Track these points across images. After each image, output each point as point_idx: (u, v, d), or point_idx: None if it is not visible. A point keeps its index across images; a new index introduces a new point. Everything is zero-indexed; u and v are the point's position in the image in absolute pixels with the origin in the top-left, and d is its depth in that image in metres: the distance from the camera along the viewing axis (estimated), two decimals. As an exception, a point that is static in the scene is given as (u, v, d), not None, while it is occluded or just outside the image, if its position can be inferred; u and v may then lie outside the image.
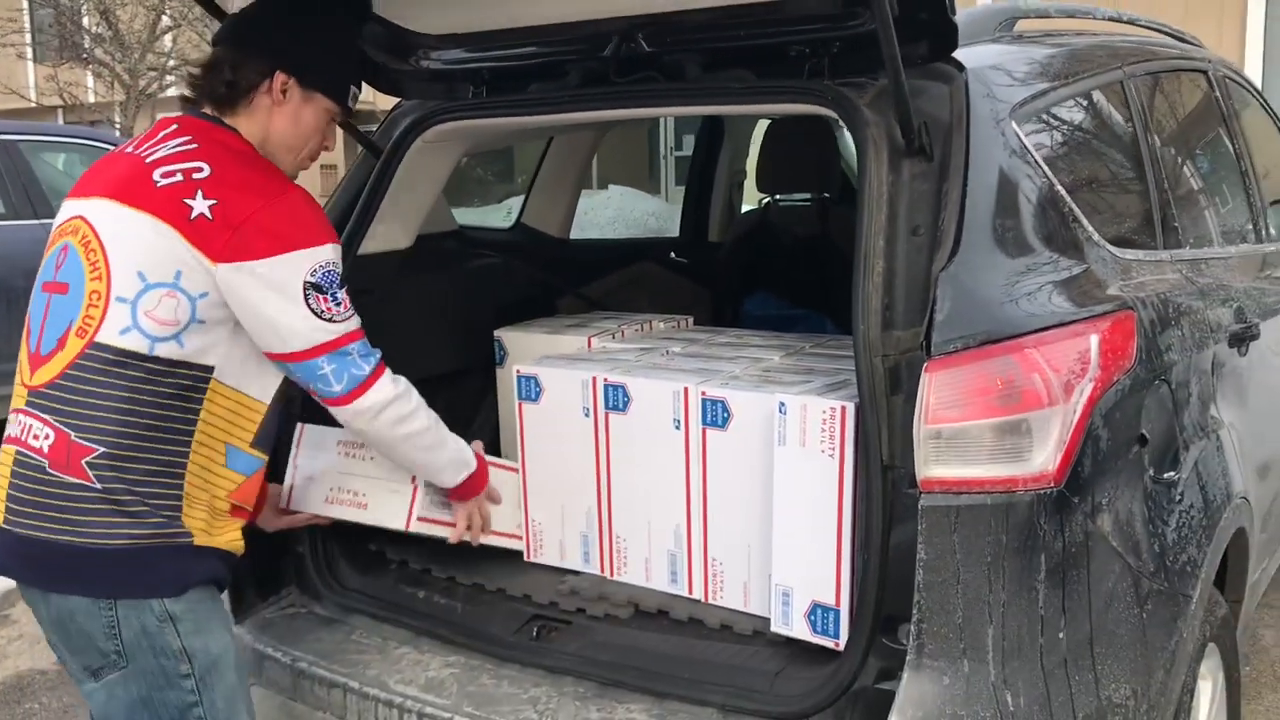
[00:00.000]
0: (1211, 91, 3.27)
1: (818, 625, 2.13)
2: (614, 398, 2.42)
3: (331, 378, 1.91)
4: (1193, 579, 2.10)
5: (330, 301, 1.89)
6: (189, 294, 1.83)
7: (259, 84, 1.98)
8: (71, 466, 1.82)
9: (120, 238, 1.86)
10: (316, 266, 1.87)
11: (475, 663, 2.24)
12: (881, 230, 1.96)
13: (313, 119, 2.05)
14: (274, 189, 1.90)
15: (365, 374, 1.94)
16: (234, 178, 1.88)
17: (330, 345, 1.90)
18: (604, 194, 10.28)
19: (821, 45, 2.19)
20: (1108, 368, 1.92)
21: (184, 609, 1.88)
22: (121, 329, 1.82)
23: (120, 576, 1.84)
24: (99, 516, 1.82)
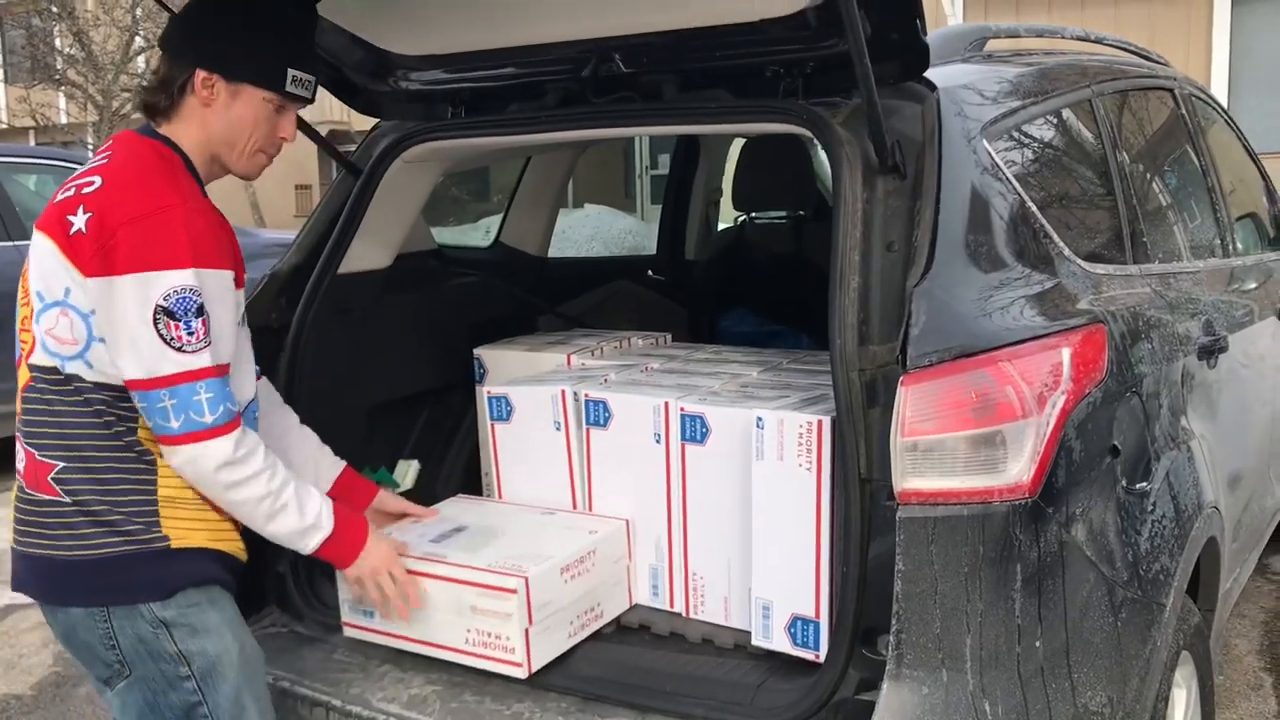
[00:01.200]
0: (1178, 109, 3.33)
1: (798, 638, 2.15)
2: (594, 413, 2.44)
3: (171, 413, 1.79)
4: (1166, 588, 2.13)
5: (182, 329, 1.78)
6: (79, 311, 1.81)
7: (185, 85, 1.91)
8: (40, 484, 1.87)
9: (31, 261, 1.88)
10: (171, 290, 1.76)
11: (458, 680, 2.24)
12: (856, 246, 1.99)
13: (247, 112, 1.95)
14: (154, 204, 1.79)
15: (205, 424, 1.81)
16: (119, 191, 1.81)
17: (174, 379, 1.79)
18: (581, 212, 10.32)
19: (796, 65, 2.23)
20: (1080, 380, 1.95)
21: (176, 614, 1.88)
22: (40, 348, 1.86)
23: (102, 585, 1.85)
24: (74, 529, 1.85)
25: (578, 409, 2.46)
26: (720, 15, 2.19)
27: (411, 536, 2.36)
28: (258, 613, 2.53)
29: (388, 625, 2.29)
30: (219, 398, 1.83)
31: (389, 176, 2.62)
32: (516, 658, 2.14)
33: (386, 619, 2.22)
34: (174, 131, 1.94)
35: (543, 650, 2.18)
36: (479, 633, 2.17)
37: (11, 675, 3.86)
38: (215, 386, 1.83)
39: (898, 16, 1.98)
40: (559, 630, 2.22)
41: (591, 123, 2.52)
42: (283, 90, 1.97)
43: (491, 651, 2.17)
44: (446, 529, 2.40)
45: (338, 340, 2.56)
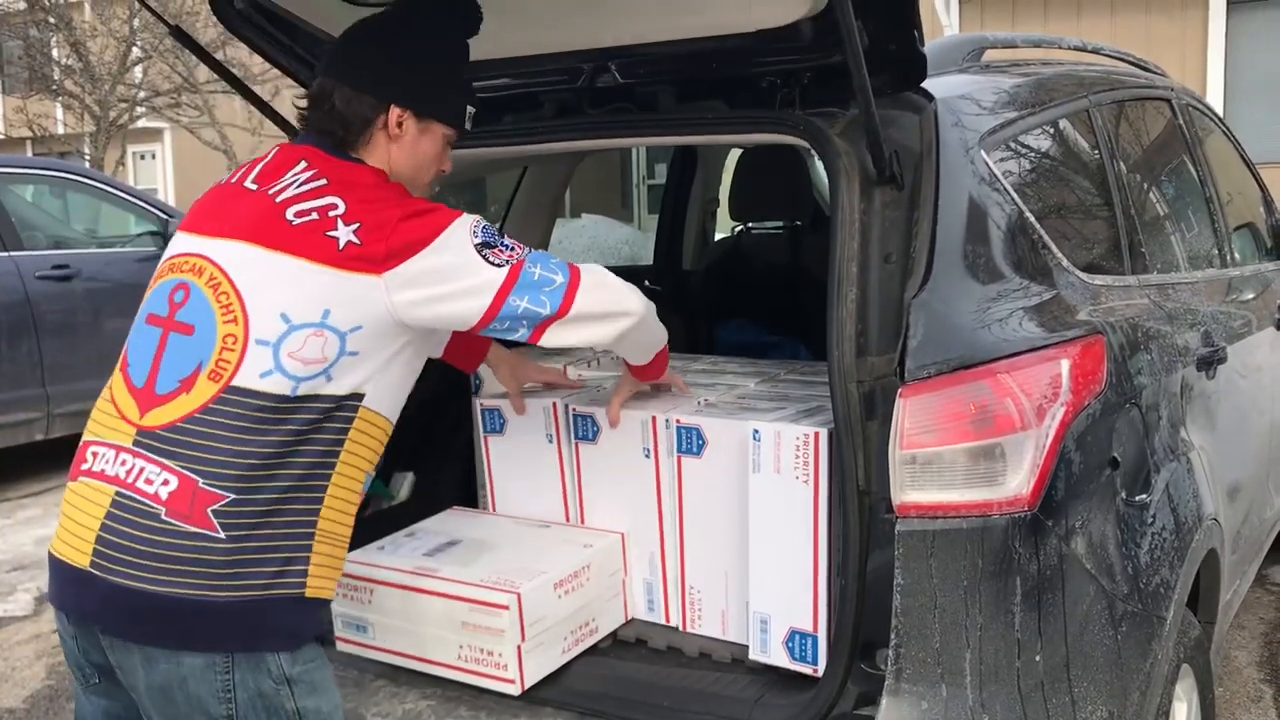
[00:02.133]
0: (1175, 119, 3.33)
1: (796, 652, 2.13)
2: (582, 428, 2.42)
3: (540, 300, 1.87)
4: (1166, 600, 2.12)
5: (503, 250, 1.87)
6: (338, 330, 1.76)
7: (374, 120, 1.91)
8: (195, 515, 1.69)
9: (259, 281, 1.78)
10: (474, 228, 1.85)
11: (452, 695, 2.22)
12: (854, 258, 1.98)
13: (431, 148, 1.98)
14: (404, 197, 1.87)
15: (563, 282, 1.89)
16: (368, 199, 1.83)
17: (511, 277, 1.85)
18: (578, 222, 10.33)
19: (793, 76, 2.22)
20: (1079, 392, 1.94)
21: (300, 670, 1.77)
22: (262, 372, 1.73)
23: (236, 631, 1.71)
24: (220, 569, 1.68)
25: (568, 422, 2.45)
26: (717, 26, 2.18)
27: (404, 550, 2.34)
28: (252, 626, 2.51)
29: (380, 640, 2.27)
30: (547, 261, 1.92)
31: (384, 187, 2.61)
32: (509, 674, 2.13)
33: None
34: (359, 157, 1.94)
35: (535, 667, 2.16)
36: (471, 649, 2.16)
37: (4, 688, 3.84)
38: (538, 258, 1.91)
39: (895, 27, 1.97)
40: (553, 646, 2.20)
41: (588, 133, 2.51)
42: (463, 126, 2.03)
43: (484, 668, 2.15)
44: (440, 542, 2.39)
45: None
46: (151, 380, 1.78)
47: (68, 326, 6.41)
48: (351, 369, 1.78)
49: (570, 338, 1.94)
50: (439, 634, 2.19)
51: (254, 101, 2.69)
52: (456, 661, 2.18)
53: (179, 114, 14.79)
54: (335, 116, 1.91)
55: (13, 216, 6.55)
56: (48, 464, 6.64)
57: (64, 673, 3.93)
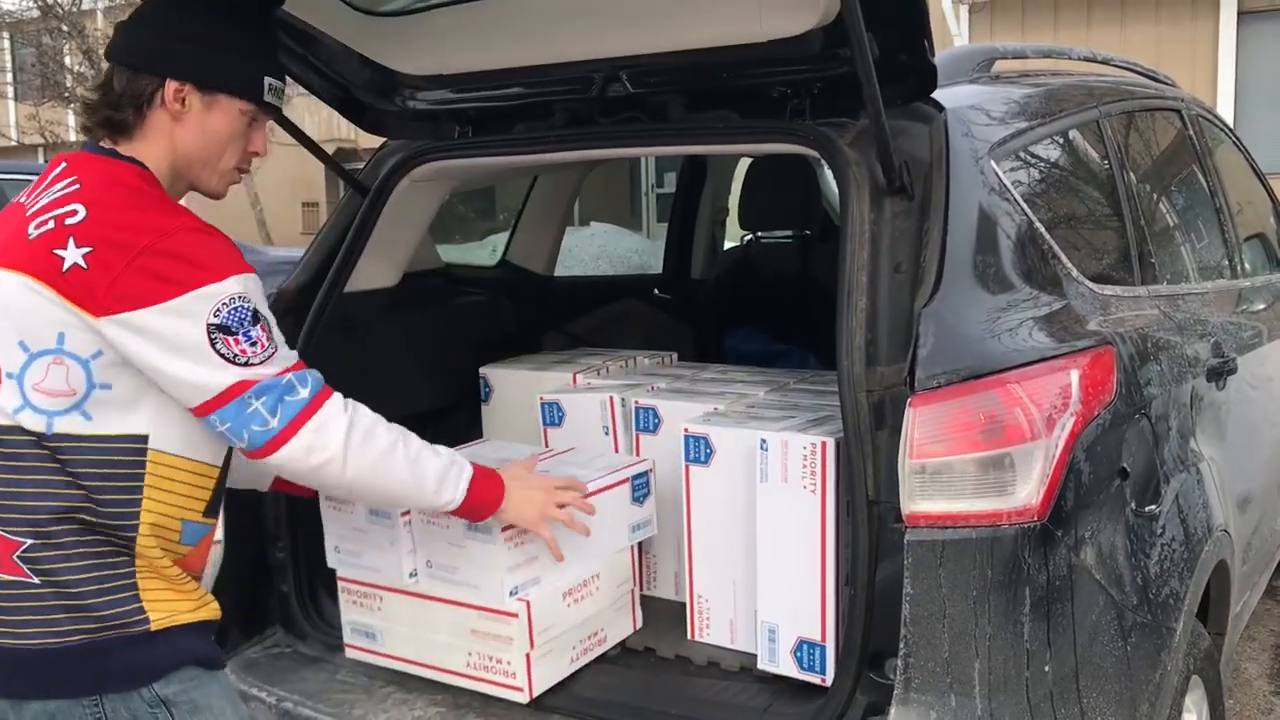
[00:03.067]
0: (1185, 130, 3.33)
1: (804, 661, 2.13)
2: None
3: (264, 412, 1.64)
4: (1176, 611, 2.12)
5: (244, 342, 1.63)
6: (78, 357, 1.60)
7: (151, 98, 1.73)
8: (4, 563, 1.61)
9: (2, 306, 1.64)
10: (219, 306, 1.61)
11: (461, 702, 2.22)
12: (864, 267, 1.98)
13: (224, 125, 1.78)
14: (160, 226, 1.62)
15: (304, 400, 1.67)
16: (113, 218, 1.63)
17: (247, 384, 1.64)
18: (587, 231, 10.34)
19: (803, 86, 2.23)
20: (1089, 402, 1.94)
21: (176, 691, 1.67)
22: (14, 408, 1.61)
23: (78, 676, 1.61)
24: (43, 615, 1.60)
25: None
26: (728, 36, 2.19)
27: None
28: (261, 633, 2.52)
29: (389, 647, 2.28)
30: (303, 378, 1.70)
31: (396, 195, 2.63)
32: (518, 682, 2.13)
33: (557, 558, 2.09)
34: (137, 150, 1.75)
35: (544, 675, 2.16)
36: (480, 656, 2.16)
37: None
38: (297, 375, 1.69)
39: (906, 37, 1.98)
40: (561, 655, 2.20)
41: (598, 143, 2.53)
42: (261, 100, 1.82)
43: (492, 675, 2.15)
44: None
45: (344, 358, 2.55)
46: None
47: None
48: (111, 406, 1.62)
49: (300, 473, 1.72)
50: (448, 641, 2.19)
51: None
52: (465, 669, 2.18)
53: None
54: (113, 101, 1.74)
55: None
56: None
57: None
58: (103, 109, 1.75)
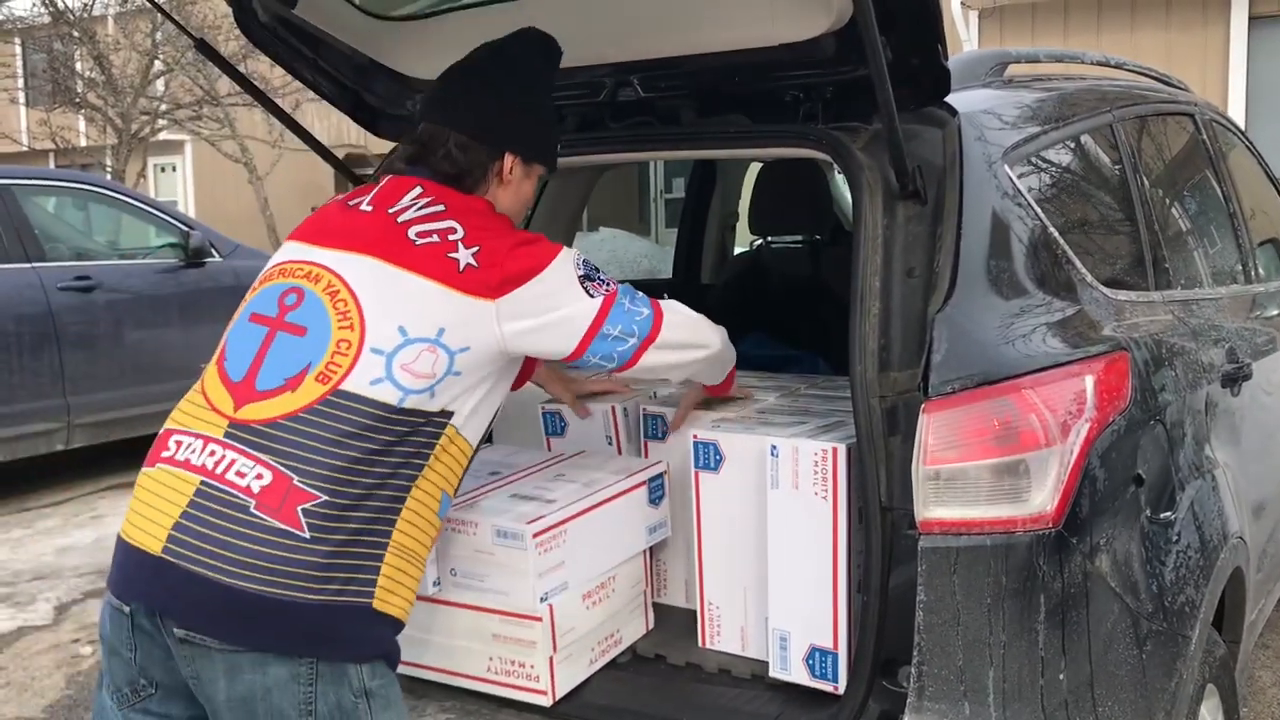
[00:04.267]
0: (1198, 134, 3.31)
1: (816, 669, 2.12)
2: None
3: (634, 306, 1.97)
4: (1191, 619, 2.10)
5: (600, 283, 1.95)
6: (449, 349, 1.82)
7: (490, 166, 2.01)
8: (284, 512, 1.68)
9: (380, 293, 1.84)
10: (576, 260, 1.95)
11: (471, 708, 2.22)
12: (877, 272, 1.97)
13: (531, 189, 2.10)
14: (511, 225, 1.99)
15: (650, 313, 1.99)
16: (486, 227, 1.92)
17: (614, 294, 1.96)
18: (596, 236, 10.34)
19: (815, 90, 2.22)
20: (1103, 408, 1.93)
21: (377, 684, 1.78)
22: (373, 379, 1.76)
23: (308, 635, 1.70)
24: (301, 569, 1.67)
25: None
26: (740, 40, 2.18)
27: None
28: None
29: (405, 654, 2.26)
30: (634, 295, 2.00)
31: (406, 200, 2.62)
32: (541, 685, 2.12)
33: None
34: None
35: (566, 678, 2.16)
36: (502, 660, 2.15)
37: (24, 698, 3.85)
38: (627, 291, 1.99)
39: (919, 41, 1.97)
40: (581, 657, 2.20)
41: (609, 147, 2.52)
42: (555, 167, 2.12)
43: (515, 679, 2.14)
44: None
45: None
46: (251, 376, 1.79)
47: (89, 338, 6.45)
48: (451, 390, 1.83)
49: (654, 367, 2.02)
50: (468, 646, 2.18)
51: (276, 113, 2.71)
52: (486, 674, 2.18)
53: (200, 127, 14.89)
54: (451, 161, 1.99)
55: (35, 228, 6.61)
56: (68, 474, 6.68)
57: (83, 683, 3.94)
58: (441, 163, 1.99)
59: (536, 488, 2.29)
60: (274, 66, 2.74)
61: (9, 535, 5.64)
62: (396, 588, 1.78)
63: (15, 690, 3.92)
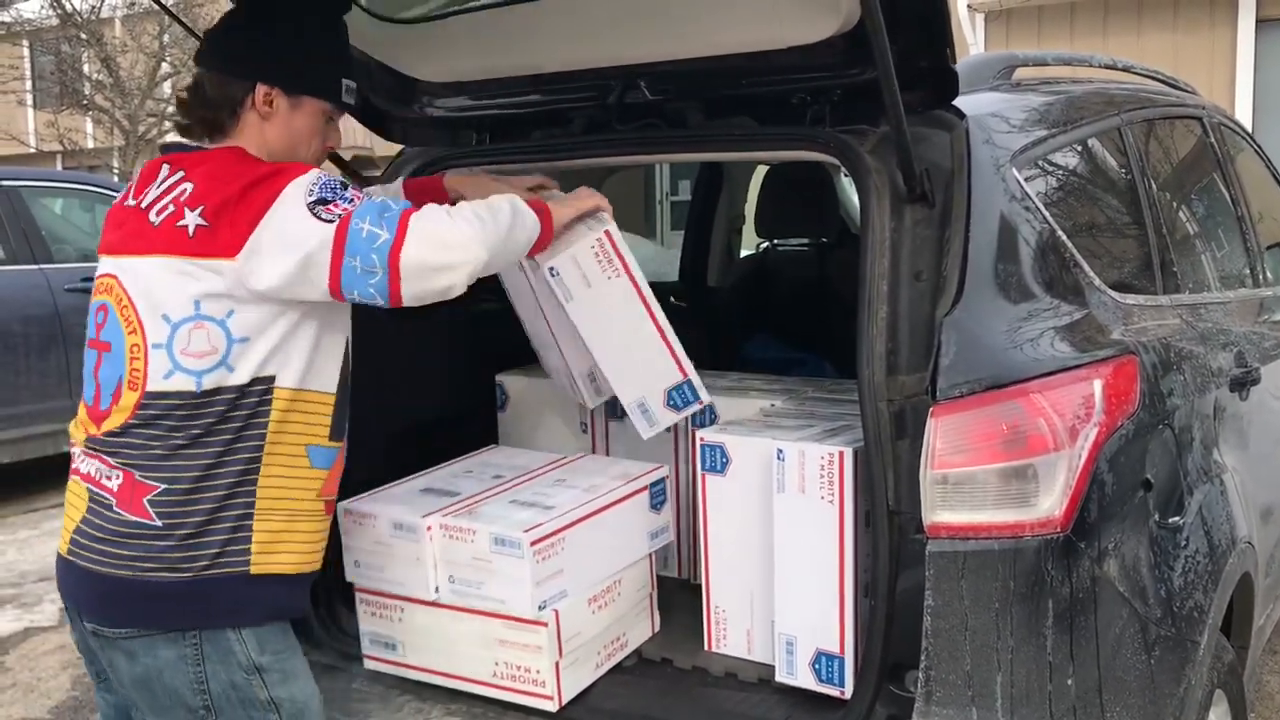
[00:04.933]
0: (1206, 137, 3.30)
1: (822, 674, 2.11)
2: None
3: (372, 228, 1.76)
4: (1200, 625, 2.09)
5: (342, 203, 1.78)
6: (215, 319, 1.79)
7: (243, 101, 1.92)
8: (134, 505, 1.81)
9: (141, 288, 1.84)
10: (310, 185, 1.78)
11: (477, 711, 2.21)
12: (885, 275, 1.97)
13: (306, 123, 1.97)
14: (251, 169, 1.82)
15: (400, 209, 1.79)
16: (218, 175, 1.82)
17: (349, 215, 1.77)
18: (602, 239, 10.31)
19: (823, 93, 2.22)
20: (1112, 412, 1.92)
21: (270, 659, 1.85)
22: (164, 374, 1.81)
23: (184, 611, 1.81)
24: (161, 553, 1.80)
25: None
26: (747, 42, 2.18)
27: None
28: (276, 640, 2.51)
29: (411, 658, 2.26)
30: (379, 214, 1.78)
31: (413, 202, 2.62)
32: (547, 690, 2.12)
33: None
34: (232, 144, 1.93)
35: (572, 682, 2.15)
36: (508, 665, 2.15)
37: (31, 698, 3.85)
38: (368, 210, 1.78)
39: (927, 44, 1.97)
40: (587, 661, 2.20)
41: (616, 149, 2.52)
42: (339, 100, 2.00)
43: (520, 684, 2.14)
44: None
45: (359, 366, 2.54)
46: (96, 398, 1.90)
47: (96, 339, 6.46)
48: (247, 354, 1.81)
49: (422, 292, 1.83)
50: (473, 651, 2.18)
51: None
52: (492, 679, 2.17)
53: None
54: (207, 103, 1.93)
55: (43, 229, 6.62)
56: (74, 475, 6.68)
57: (88, 684, 3.94)
58: (198, 109, 1.95)
59: (536, 494, 2.28)
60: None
61: (15, 536, 5.65)
62: (279, 547, 1.87)
63: (21, 691, 3.92)
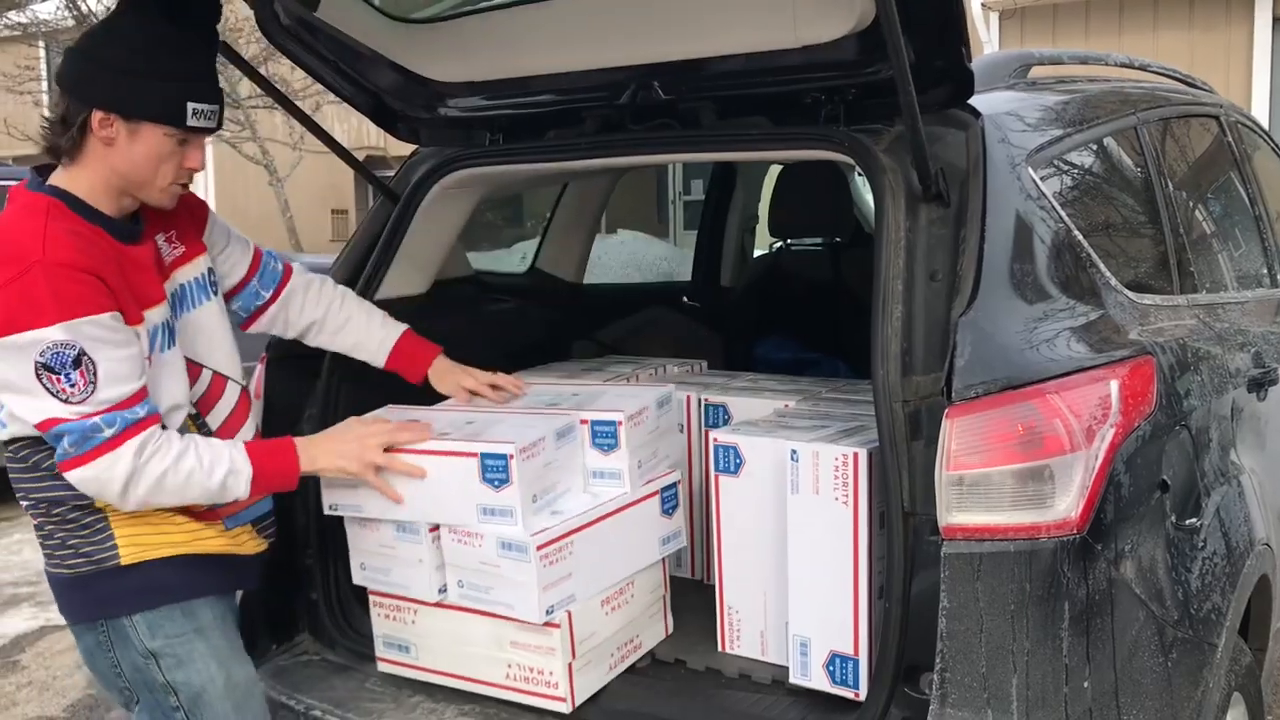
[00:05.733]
0: (1223, 136, 3.28)
1: (836, 675, 2.10)
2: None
3: (67, 443, 1.81)
4: (1217, 627, 2.07)
5: (64, 382, 1.78)
6: None
7: (84, 125, 1.84)
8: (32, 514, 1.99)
9: None
10: (44, 348, 1.76)
11: (490, 712, 2.21)
12: (900, 275, 1.96)
13: (150, 150, 1.88)
14: (14, 268, 1.77)
15: (104, 438, 1.81)
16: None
17: (60, 421, 1.80)
18: (615, 238, 10.32)
19: (837, 92, 2.21)
20: (1129, 413, 1.91)
21: (162, 644, 1.96)
22: None
23: (80, 600, 1.97)
24: (53, 553, 1.96)
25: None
26: (761, 42, 2.17)
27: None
28: (290, 640, 2.52)
29: (424, 660, 2.26)
30: (112, 419, 1.82)
31: (427, 203, 2.62)
32: (560, 692, 2.11)
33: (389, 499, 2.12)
34: (74, 173, 1.88)
35: (585, 684, 2.15)
36: (520, 667, 2.14)
37: (46, 697, 3.87)
38: (104, 419, 1.81)
39: (942, 43, 1.96)
40: (600, 663, 2.19)
41: (630, 149, 2.51)
42: (184, 126, 1.89)
43: (533, 686, 2.14)
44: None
45: (374, 367, 2.55)
46: None
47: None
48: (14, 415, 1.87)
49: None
50: (486, 653, 2.18)
51: (297, 116, 2.72)
52: (505, 680, 2.17)
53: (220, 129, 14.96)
54: (55, 128, 1.88)
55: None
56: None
57: (103, 683, 3.96)
58: (47, 132, 1.90)
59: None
60: (294, 69, 2.74)
61: (31, 535, 5.67)
62: (144, 538, 1.95)
63: (37, 689, 3.94)
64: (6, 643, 4.36)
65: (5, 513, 5.98)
